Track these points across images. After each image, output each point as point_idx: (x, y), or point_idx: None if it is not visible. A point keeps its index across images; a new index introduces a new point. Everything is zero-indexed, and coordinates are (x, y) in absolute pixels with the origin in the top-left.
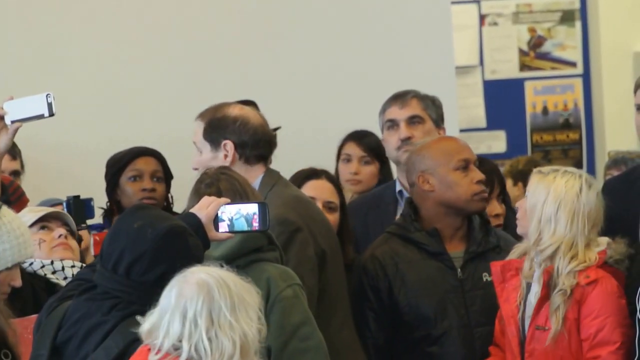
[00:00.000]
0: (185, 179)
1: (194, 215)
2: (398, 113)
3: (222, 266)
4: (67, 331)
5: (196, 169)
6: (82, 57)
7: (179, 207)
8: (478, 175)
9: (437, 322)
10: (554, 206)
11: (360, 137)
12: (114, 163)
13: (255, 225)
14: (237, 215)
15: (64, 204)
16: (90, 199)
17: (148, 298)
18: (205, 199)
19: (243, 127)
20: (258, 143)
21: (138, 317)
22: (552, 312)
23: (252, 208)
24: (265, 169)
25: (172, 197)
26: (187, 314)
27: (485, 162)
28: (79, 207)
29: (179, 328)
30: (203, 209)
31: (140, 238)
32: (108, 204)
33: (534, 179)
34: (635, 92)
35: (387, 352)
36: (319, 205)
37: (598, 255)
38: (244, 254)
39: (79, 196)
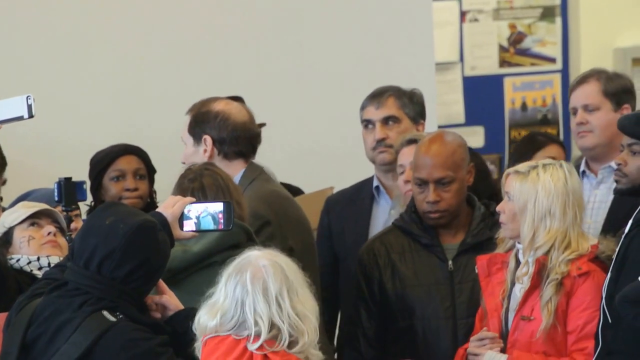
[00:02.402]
0: (169, 173)
1: (159, 214)
2: (374, 113)
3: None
4: (37, 328)
5: (184, 162)
6: (68, 54)
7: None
8: (430, 196)
9: (419, 312)
10: (547, 202)
11: None
12: (96, 163)
13: (221, 223)
14: (204, 214)
15: (55, 186)
16: (83, 182)
17: (117, 293)
18: (171, 198)
19: (223, 123)
20: (237, 140)
21: (104, 312)
22: (544, 305)
23: (217, 207)
24: (247, 164)
25: (155, 192)
26: (269, 295)
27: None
28: (70, 189)
29: (266, 310)
30: (169, 207)
31: (113, 234)
32: (93, 202)
33: (515, 180)
34: (569, 95)
35: (378, 343)
36: None
37: (591, 247)
38: (223, 250)
39: (70, 178)
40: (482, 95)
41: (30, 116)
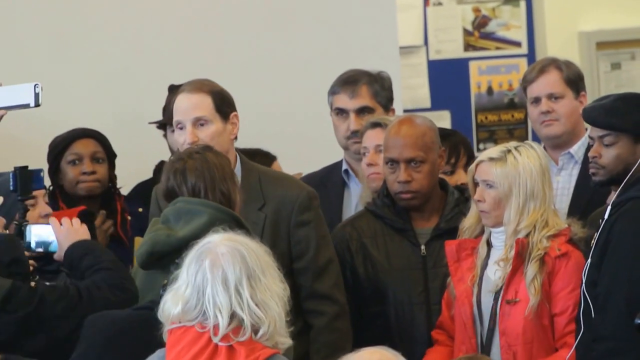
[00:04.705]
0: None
1: None
2: (348, 103)
3: (224, 230)
4: None
5: (192, 143)
6: (56, 35)
7: (127, 185)
8: (401, 176)
9: (392, 297)
10: (530, 183)
11: None
12: (53, 147)
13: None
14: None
15: (10, 175)
16: (40, 170)
17: None
18: None
19: (233, 102)
20: None
21: None
22: (529, 284)
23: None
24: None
25: (115, 177)
26: (228, 284)
27: (453, 134)
28: (26, 178)
29: (226, 300)
30: None
31: None
32: (51, 187)
33: (493, 167)
34: (525, 89)
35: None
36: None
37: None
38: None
39: (26, 167)
40: (447, 79)
41: (37, 105)
